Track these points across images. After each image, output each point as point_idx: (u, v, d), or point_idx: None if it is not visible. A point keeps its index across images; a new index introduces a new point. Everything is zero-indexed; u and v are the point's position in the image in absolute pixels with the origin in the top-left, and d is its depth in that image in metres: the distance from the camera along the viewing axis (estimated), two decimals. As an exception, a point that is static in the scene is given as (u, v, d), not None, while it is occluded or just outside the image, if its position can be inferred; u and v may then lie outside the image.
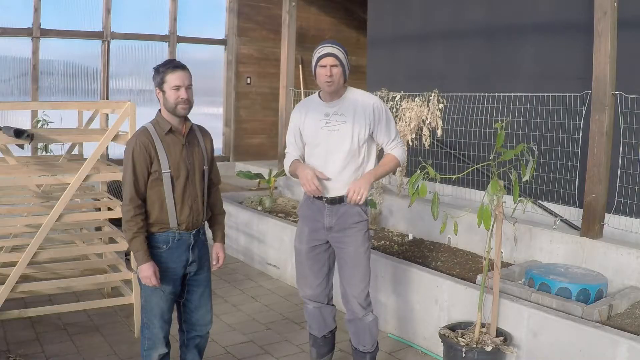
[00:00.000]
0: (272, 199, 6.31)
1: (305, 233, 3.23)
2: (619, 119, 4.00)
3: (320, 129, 3.09)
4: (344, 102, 3.10)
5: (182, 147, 2.78)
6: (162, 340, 2.86)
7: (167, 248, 2.78)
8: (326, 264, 3.26)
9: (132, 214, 2.68)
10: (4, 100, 7.32)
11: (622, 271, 3.84)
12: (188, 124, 2.83)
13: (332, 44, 3.06)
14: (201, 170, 2.86)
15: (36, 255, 3.70)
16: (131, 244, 2.71)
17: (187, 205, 2.79)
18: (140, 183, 2.70)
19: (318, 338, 3.38)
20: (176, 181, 2.75)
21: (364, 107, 3.07)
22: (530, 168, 3.07)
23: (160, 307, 2.81)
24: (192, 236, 2.84)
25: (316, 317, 3.33)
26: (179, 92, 2.70)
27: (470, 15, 5.88)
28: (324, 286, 3.28)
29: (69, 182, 3.72)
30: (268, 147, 9.43)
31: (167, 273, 2.79)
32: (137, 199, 2.69)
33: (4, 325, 4.02)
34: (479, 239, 4.59)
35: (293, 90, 7.35)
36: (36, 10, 7.50)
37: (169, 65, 2.73)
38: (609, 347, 2.93)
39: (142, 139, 2.71)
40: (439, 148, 5.53)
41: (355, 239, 3.13)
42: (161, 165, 2.71)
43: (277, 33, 7.93)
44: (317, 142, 3.12)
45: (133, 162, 2.69)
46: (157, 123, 2.78)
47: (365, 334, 3.22)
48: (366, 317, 3.20)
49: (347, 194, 3.01)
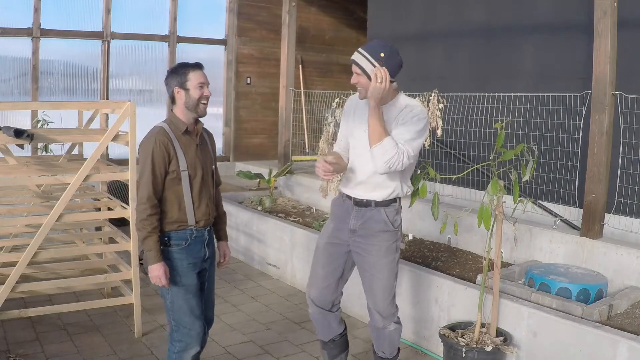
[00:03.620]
0: (272, 199, 6.31)
1: (329, 229, 3.15)
2: (619, 119, 4.00)
3: (364, 132, 2.92)
4: (390, 111, 2.91)
5: (196, 147, 2.84)
6: (196, 338, 2.83)
7: (186, 245, 2.81)
8: (340, 267, 3.13)
9: (148, 212, 2.69)
10: (4, 100, 7.32)
11: (622, 271, 3.84)
12: (200, 124, 2.89)
13: (364, 48, 2.88)
14: (211, 170, 2.94)
15: (36, 255, 3.70)
16: (144, 242, 2.72)
17: (204, 203, 2.85)
18: (159, 182, 2.73)
19: (326, 342, 3.29)
20: (193, 180, 2.80)
21: (402, 113, 2.89)
22: (530, 168, 3.08)
23: (189, 303, 2.81)
24: (207, 232, 2.91)
25: (319, 321, 3.24)
26: (203, 90, 2.77)
27: (470, 15, 5.88)
28: (331, 290, 3.15)
29: (69, 182, 3.72)
30: (268, 147, 9.43)
31: (189, 268, 2.82)
32: (154, 198, 2.71)
33: (4, 325, 4.02)
34: (479, 239, 4.59)
35: (293, 90, 7.35)
36: (36, 10, 7.49)
37: (190, 65, 2.79)
38: (609, 347, 2.93)
39: (162, 138, 2.73)
40: (439, 148, 5.53)
41: (378, 249, 2.99)
42: (180, 164, 2.75)
43: (277, 33, 7.93)
44: (356, 143, 3.02)
45: (152, 160, 2.70)
46: (171, 123, 2.81)
47: (385, 342, 3.13)
48: (387, 327, 3.09)
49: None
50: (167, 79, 2.82)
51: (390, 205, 3.00)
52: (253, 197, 6.53)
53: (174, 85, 2.78)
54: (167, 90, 2.84)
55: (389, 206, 3.00)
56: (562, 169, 4.54)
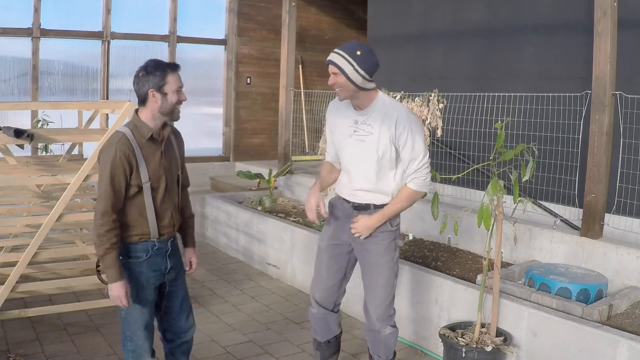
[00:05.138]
0: (272, 199, 6.31)
1: (329, 230, 3.16)
2: (619, 119, 4.00)
3: (349, 137, 2.96)
4: (373, 112, 2.92)
5: (161, 155, 2.64)
6: (148, 351, 2.76)
7: (147, 257, 2.66)
8: (343, 267, 3.16)
9: (106, 228, 2.49)
10: (4, 100, 7.31)
11: (622, 271, 3.84)
12: (167, 129, 2.68)
13: (340, 49, 2.87)
14: (177, 177, 2.76)
15: (36, 255, 3.70)
16: (103, 260, 2.55)
17: (168, 215, 2.69)
18: (118, 196, 2.53)
19: (322, 343, 3.30)
20: (157, 192, 2.63)
21: (389, 119, 2.87)
22: (530, 168, 3.08)
23: (143, 318, 2.71)
24: (170, 243, 2.75)
25: (320, 321, 3.25)
26: (180, 95, 2.60)
27: (470, 15, 5.88)
28: (334, 290, 3.18)
29: (69, 182, 3.72)
30: (268, 147, 9.43)
31: (148, 282, 2.69)
32: (112, 213, 2.51)
33: (4, 325, 4.02)
34: (479, 239, 4.59)
35: (293, 90, 7.35)
36: (36, 10, 7.49)
37: (168, 66, 2.58)
38: (609, 347, 2.93)
39: (122, 149, 2.51)
40: (439, 148, 5.53)
41: (377, 248, 3.02)
42: (142, 176, 2.56)
43: (277, 33, 7.93)
44: (344, 149, 3.02)
45: (111, 173, 2.50)
46: (135, 128, 2.58)
47: (380, 345, 3.13)
48: (383, 330, 3.09)
49: (352, 227, 2.99)
50: (140, 79, 2.55)
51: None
52: (253, 197, 6.53)
53: (149, 88, 2.53)
54: (136, 90, 2.58)
55: None
56: (562, 169, 4.54)
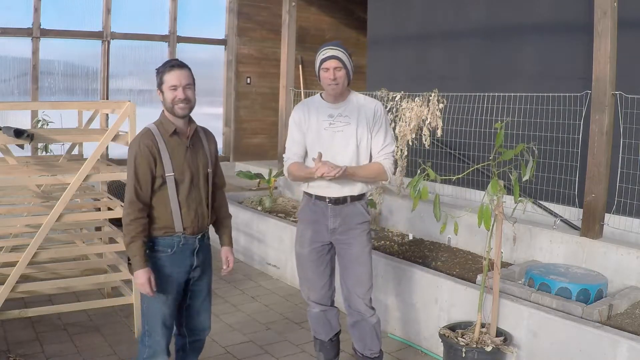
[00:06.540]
0: (272, 199, 6.31)
1: (307, 236, 3.20)
2: (619, 119, 4.00)
3: (324, 130, 3.08)
4: (349, 104, 3.11)
5: (186, 150, 2.73)
6: (163, 349, 2.78)
7: (171, 252, 2.72)
8: (329, 265, 3.24)
9: (131, 217, 2.61)
10: (4, 100, 7.32)
11: (622, 271, 3.84)
12: (193, 125, 2.77)
13: (335, 46, 3.06)
14: (205, 173, 2.81)
15: (36, 255, 3.70)
16: (128, 248, 2.63)
17: (192, 209, 2.73)
18: (142, 186, 2.63)
19: (325, 342, 3.32)
20: (180, 184, 2.69)
21: (367, 110, 3.09)
22: (530, 168, 3.07)
23: (162, 314, 2.74)
24: (197, 241, 2.79)
25: (321, 320, 3.29)
26: (175, 92, 2.65)
27: (470, 15, 5.89)
28: (327, 288, 3.26)
29: (69, 182, 3.71)
30: (268, 147, 9.44)
31: (171, 278, 2.73)
32: (137, 203, 2.62)
33: (4, 325, 4.02)
34: (479, 239, 4.59)
35: (293, 90, 7.35)
36: (36, 10, 7.50)
37: (167, 65, 2.70)
38: (609, 347, 2.93)
39: (146, 141, 2.65)
40: (439, 148, 5.53)
41: (360, 239, 3.14)
42: (165, 168, 2.66)
43: (277, 33, 7.94)
44: (320, 142, 3.08)
45: (135, 165, 2.63)
46: (160, 124, 2.72)
47: (373, 337, 3.17)
48: (372, 317, 3.17)
49: (317, 168, 2.90)
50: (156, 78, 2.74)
51: (363, 197, 3.19)
52: (253, 197, 6.53)
53: (156, 86, 2.72)
54: None
55: (362, 199, 3.18)
56: (562, 169, 4.54)
